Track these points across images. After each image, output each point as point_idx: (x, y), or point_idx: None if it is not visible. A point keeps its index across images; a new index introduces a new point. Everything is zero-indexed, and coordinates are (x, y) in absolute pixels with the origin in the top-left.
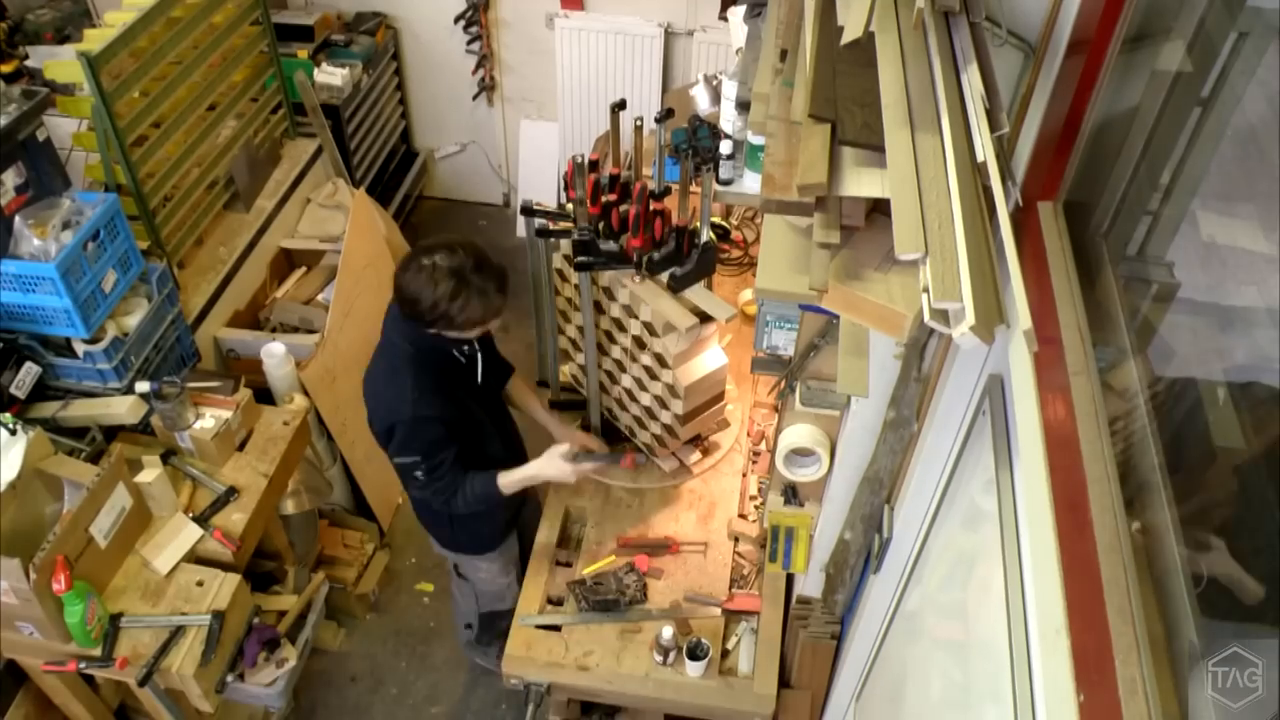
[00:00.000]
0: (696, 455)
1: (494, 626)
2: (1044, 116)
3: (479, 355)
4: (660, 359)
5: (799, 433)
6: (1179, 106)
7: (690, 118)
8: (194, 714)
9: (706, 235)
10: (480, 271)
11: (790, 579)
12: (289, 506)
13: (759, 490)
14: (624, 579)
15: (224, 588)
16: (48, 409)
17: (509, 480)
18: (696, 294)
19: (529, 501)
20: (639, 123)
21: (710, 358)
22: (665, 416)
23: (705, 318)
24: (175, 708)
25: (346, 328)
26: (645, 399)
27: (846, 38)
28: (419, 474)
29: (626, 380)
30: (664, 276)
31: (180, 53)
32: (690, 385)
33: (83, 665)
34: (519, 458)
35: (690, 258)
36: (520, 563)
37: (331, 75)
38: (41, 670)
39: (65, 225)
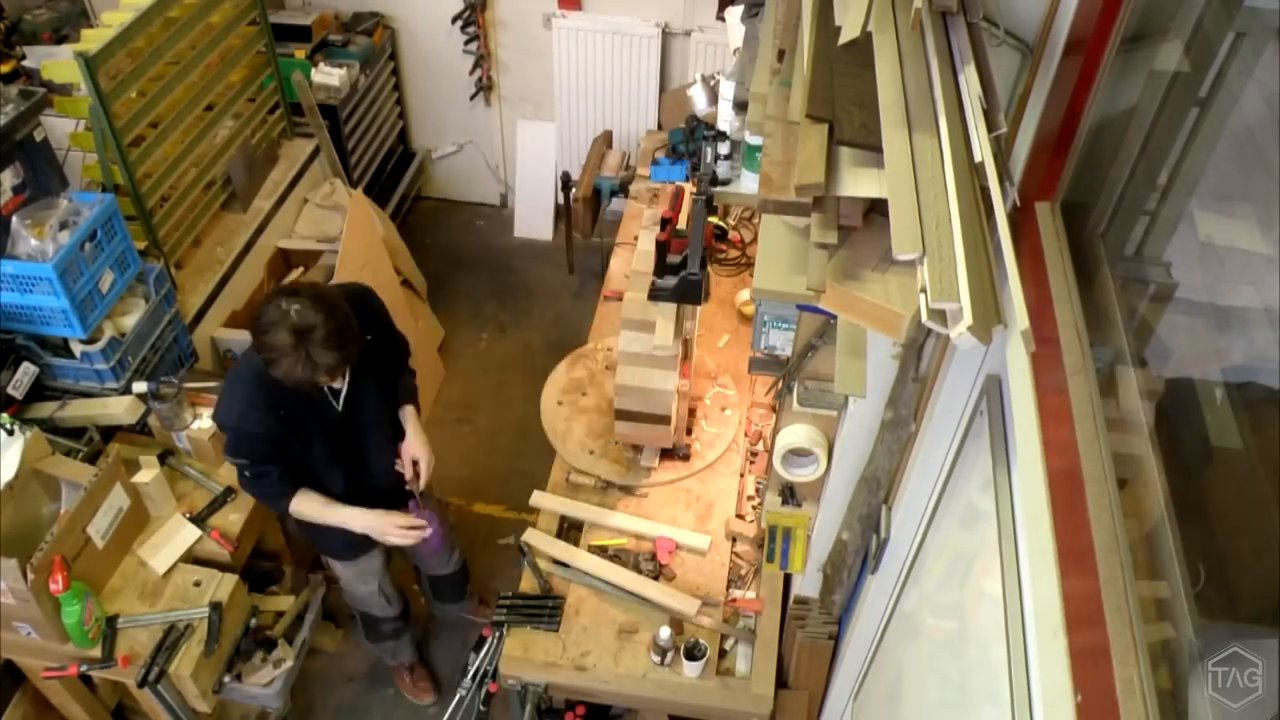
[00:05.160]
0: (655, 460)
1: (376, 629)
2: (1041, 116)
3: (342, 390)
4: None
5: (796, 433)
6: (1176, 106)
7: (688, 118)
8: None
9: (695, 266)
10: (325, 343)
11: (788, 579)
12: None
13: (756, 490)
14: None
15: (221, 588)
16: (45, 409)
17: (330, 513)
18: (665, 313)
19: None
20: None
21: (659, 378)
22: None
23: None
24: (173, 707)
25: None
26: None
27: (844, 38)
28: (246, 474)
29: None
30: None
31: (178, 53)
32: (623, 385)
33: (84, 668)
34: (368, 497)
35: (677, 275)
36: (390, 578)
37: (329, 75)
38: (43, 677)
39: (62, 225)
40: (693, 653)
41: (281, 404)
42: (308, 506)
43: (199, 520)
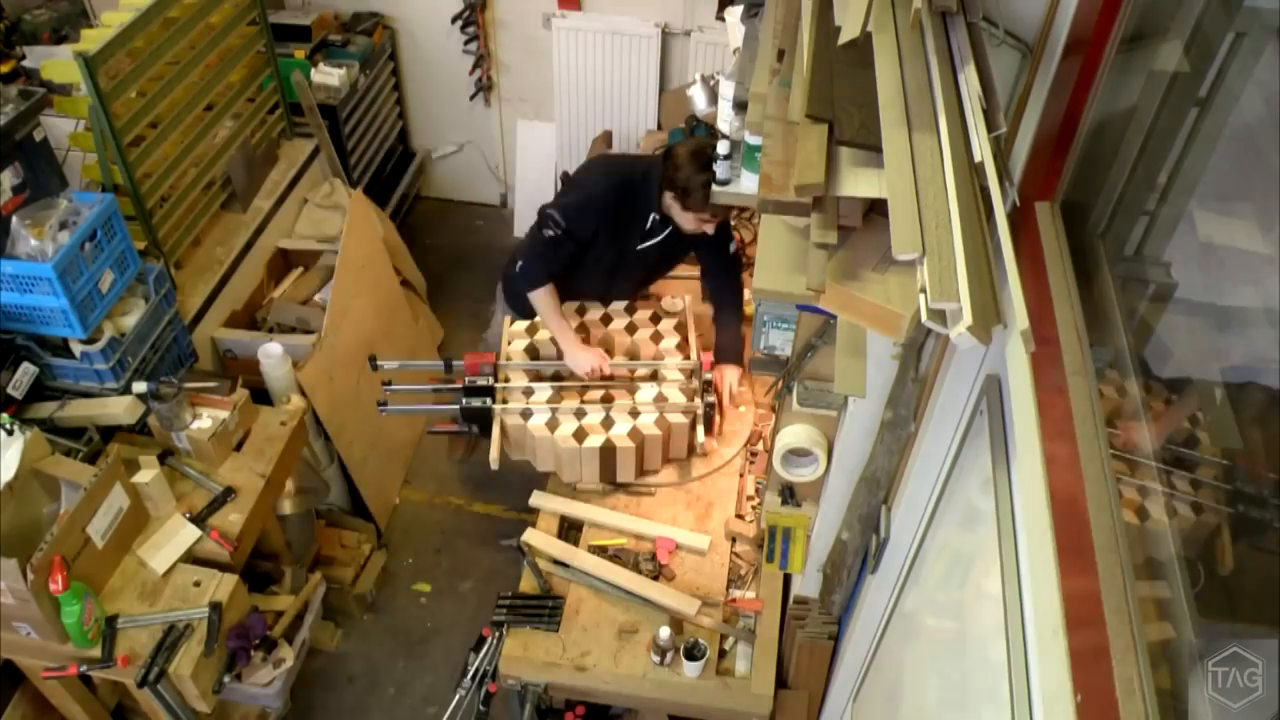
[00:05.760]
0: (701, 436)
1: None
2: (1041, 116)
3: (662, 240)
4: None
5: (796, 433)
6: (1176, 107)
7: (687, 118)
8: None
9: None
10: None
11: (787, 579)
12: (286, 507)
13: (756, 490)
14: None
15: (221, 588)
16: (45, 409)
17: (558, 322)
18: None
19: None
20: None
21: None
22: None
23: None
24: (173, 707)
25: (343, 328)
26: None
27: (844, 38)
28: (549, 233)
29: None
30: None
31: (177, 53)
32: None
33: (84, 668)
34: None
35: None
36: None
37: (328, 75)
38: (43, 677)
39: (62, 225)
40: (692, 653)
41: (615, 211)
42: (546, 303)
43: (199, 520)
